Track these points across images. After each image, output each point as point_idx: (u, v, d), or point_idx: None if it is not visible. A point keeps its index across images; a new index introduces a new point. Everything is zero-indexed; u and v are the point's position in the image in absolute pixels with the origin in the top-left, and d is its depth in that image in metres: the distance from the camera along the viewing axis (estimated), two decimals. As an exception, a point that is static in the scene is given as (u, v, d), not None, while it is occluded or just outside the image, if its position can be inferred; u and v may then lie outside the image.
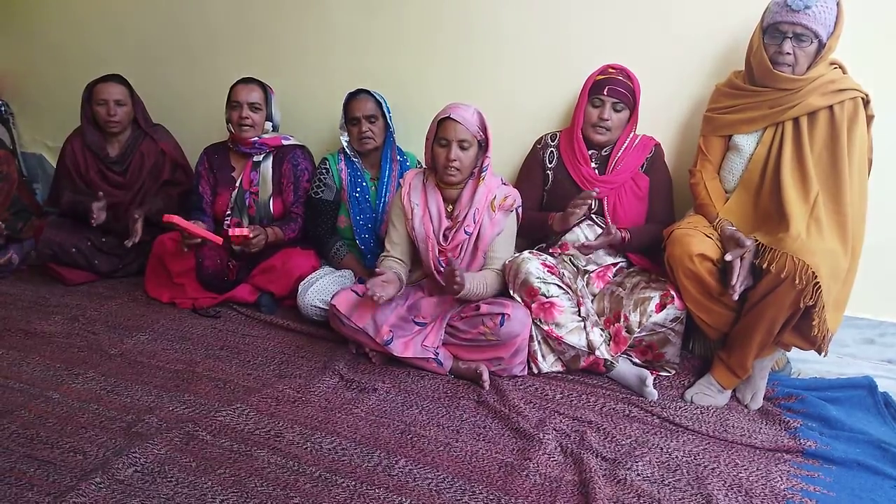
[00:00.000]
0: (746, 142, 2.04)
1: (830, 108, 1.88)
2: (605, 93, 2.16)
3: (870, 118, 1.92)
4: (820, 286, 1.71)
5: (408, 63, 2.70)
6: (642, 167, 2.26)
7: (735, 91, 2.05)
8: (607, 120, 2.18)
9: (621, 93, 2.16)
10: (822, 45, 1.87)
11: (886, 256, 2.17)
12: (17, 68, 3.54)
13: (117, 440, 1.75)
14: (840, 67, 1.94)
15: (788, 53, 1.87)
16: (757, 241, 1.86)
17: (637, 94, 2.21)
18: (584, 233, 2.25)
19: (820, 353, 1.88)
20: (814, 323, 1.78)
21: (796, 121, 1.93)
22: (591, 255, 2.25)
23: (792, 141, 1.92)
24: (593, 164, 2.27)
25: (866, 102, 1.90)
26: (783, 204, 1.85)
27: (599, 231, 2.24)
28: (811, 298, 1.73)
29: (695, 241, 1.92)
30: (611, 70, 2.20)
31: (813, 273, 1.70)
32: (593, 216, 2.27)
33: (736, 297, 1.84)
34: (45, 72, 3.46)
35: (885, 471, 1.71)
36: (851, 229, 1.82)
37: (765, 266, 1.78)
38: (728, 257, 1.84)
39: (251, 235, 2.45)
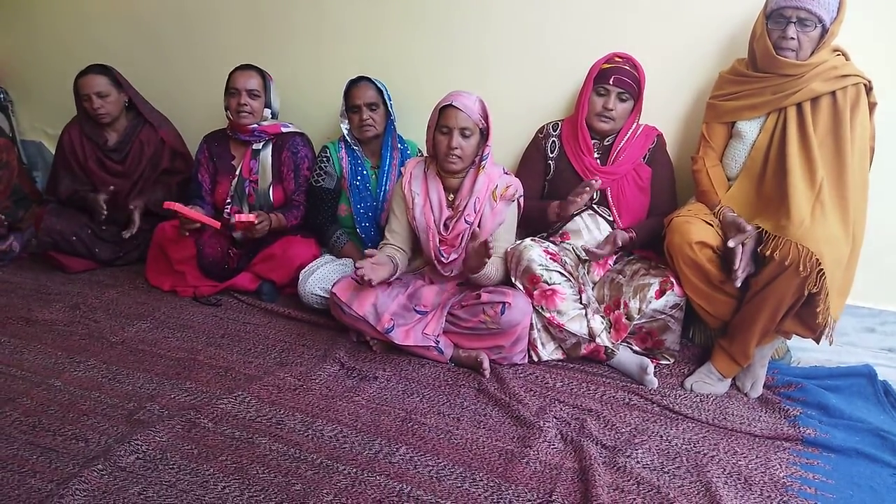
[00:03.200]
0: (749, 128, 2.03)
1: (833, 93, 1.88)
2: (611, 82, 2.14)
3: (872, 105, 1.91)
4: (824, 273, 1.71)
5: (408, 50, 2.68)
6: (644, 157, 2.25)
7: (738, 78, 2.04)
8: (612, 110, 2.16)
9: (627, 82, 2.14)
10: (825, 31, 1.86)
11: (887, 245, 2.17)
12: (16, 56, 3.52)
13: (119, 428, 1.76)
14: (843, 54, 1.93)
15: (792, 38, 1.86)
16: (759, 228, 1.85)
17: (642, 84, 2.20)
18: (586, 223, 2.25)
19: (819, 342, 1.89)
20: (818, 310, 1.78)
21: (799, 107, 1.92)
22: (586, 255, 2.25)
23: (796, 127, 1.91)
24: (595, 155, 2.26)
25: (869, 89, 1.89)
26: (787, 190, 1.84)
27: (602, 221, 2.24)
28: (815, 286, 1.73)
29: (694, 228, 1.92)
30: (617, 59, 2.17)
31: (817, 260, 1.70)
32: (595, 206, 2.26)
33: (738, 283, 1.84)
34: (44, 59, 3.44)
35: (884, 459, 1.71)
36: (853, 215, 1.82)
37: (768, 253, 1.78)
38: (730, 244, 1.83)
39: (256, 221, 2.45)
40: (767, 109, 1.98)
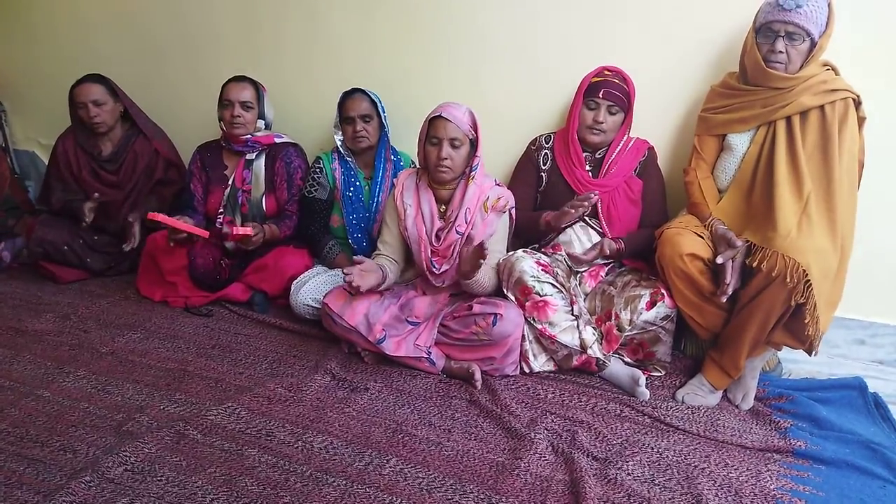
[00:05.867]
0: (739, 141, 2.05)
1: (822, 108, 1.90)
2: (601, 95, 2.16)
3: (861, 120, 1.92)
4: (811, 284, 1.72)
5: (402, 62, 2.70)
6: (636, 170, 2.27)
7: (729, 91, 2.07)
8: (602, 122, 2.18)
9: (616, 96, 2.16)
10: (814, 44, 1.88)
11: (877, 258, 2.18)
12: (10, 65, 3.52)
13: (108, 439, 1.74)
14: (832, 69, 1.95)
15: (781, 52, 1.89)
16: (748, 240, 1.87)
17: (632, 97, 2.21)
18: (578, 234, 2.25)
19: (811, 354, 1.89)
20: (806, 322, 1.78)
21: (788, 120, 1.94)
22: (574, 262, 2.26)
23: (785, 140, 1.93)
24: (587, 167, 2.27)
25: (858, 104, 1.91)
26: (774, 202, 1.85)
27: (593, 233, 2.24)
28: (802, 296, 1.74)
29: (685, 240, 1.93)
30: (606, 72, 2.19)
31: (804, 271, 1.71)
32: (587, 218, 2.27)
33: (724, 299, 1.85)
34: (37, 69, 3.44)
35: (874, 471, 1.71)
36: (841, 228, 1.83)
37: (755, 265, 1.79)
38: (719, 260, 1.85)
39: (252, 234, 2.45)
40: (757, 122, 2.00)
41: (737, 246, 1.85)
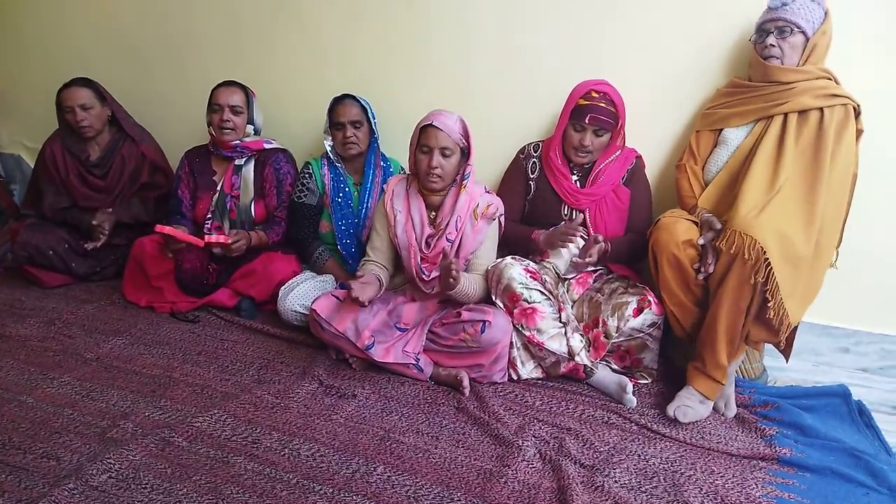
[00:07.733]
0: (735, 135, 2.10)
1: (821, 110, 1.95)
2: (587, 121, 2.15)
3: (859, 132, 1.97)
4: (770, 263, 1.74)
5: (392, 69, 2.71)
6: (623, 179, 2.28)
7: (734, 89, 2.14)
8: (588, 146, 2.18)
9: (603, 120, 2.15)
10: (807, 39, 1.96)
11: (861, 267, 2.20)
12: (-5, 68, 3.50)
13: (92, 446, 1.72)
14: (832, 78, 2.00)
15: (773, 46, 1.99)
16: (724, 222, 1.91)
17: (621, 117, 2.20)
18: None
19: (786, 357, 1.91)
20: (769, 304, 1.80)
21: (786, 117, 1.99)
22: (571, 267, 2.26)
23: (777, 134, 1.99)
24: (575, 177, 2.28)
25: (857, 113, 1.96)
26: (741, 186, 1.91)
27: (581, 242, 2.24)
28: (762, 275, 1.76)
29: (682, 227, 1.96)
30: (594, 94, 2.15)
31: (761, 248, 1.74)
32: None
33: (701, 277, 1.90)
34: (23, 72, 3.41)
35: (858, 478, 1.73)
36: (819, 226, 1.85)
37: (717, 244, 1.84)
38: (700, 241, 1.90)
39: (229, 242, 2.43)
40: (756, 116, 2.06)
41: (717, 228, 1.90)
